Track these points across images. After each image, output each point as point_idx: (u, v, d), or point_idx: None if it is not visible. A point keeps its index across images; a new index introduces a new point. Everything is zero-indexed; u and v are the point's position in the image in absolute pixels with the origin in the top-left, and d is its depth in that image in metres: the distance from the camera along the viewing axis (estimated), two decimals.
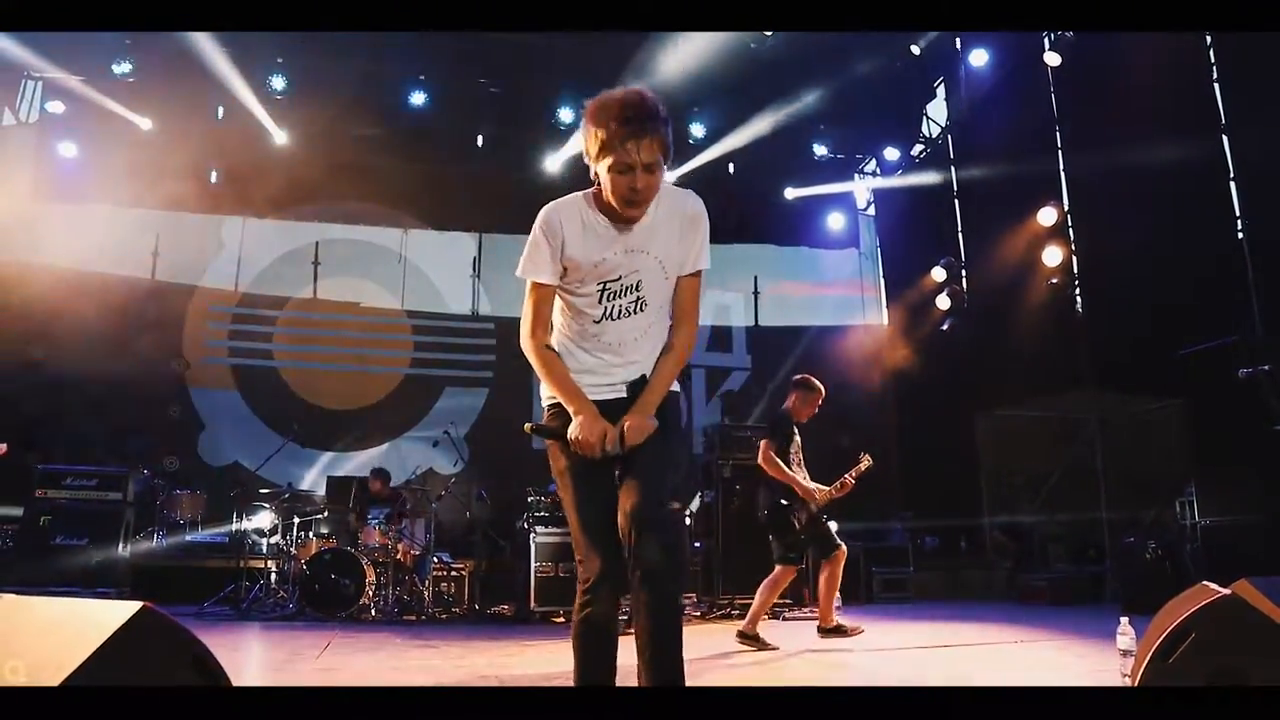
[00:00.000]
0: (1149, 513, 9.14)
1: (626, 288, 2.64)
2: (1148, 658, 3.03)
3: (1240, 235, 8.52)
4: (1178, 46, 9.13)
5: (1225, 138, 8.72)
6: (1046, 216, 10.65)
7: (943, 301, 12.38)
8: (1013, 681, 3.75)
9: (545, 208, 2.64)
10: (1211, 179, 8.79)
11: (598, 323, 2.65)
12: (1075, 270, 10.80)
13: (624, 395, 2.67)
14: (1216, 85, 8.86)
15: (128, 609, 1.89)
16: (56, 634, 1.90)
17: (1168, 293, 9.09)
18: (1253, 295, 8.30)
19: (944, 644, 6.26)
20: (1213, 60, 8.92)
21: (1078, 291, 10.78)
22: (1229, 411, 7.48)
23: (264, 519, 9.46)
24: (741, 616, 8.30)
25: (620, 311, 2.65)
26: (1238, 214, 8.55)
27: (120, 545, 8.34)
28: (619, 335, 2.67)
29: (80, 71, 11.43)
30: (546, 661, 5.35)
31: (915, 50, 11.22)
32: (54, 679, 1.73)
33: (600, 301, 2.64)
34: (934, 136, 13.54)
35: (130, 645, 1.85)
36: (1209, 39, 8.93)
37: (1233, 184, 8.63)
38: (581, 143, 2.58)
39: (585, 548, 2.56)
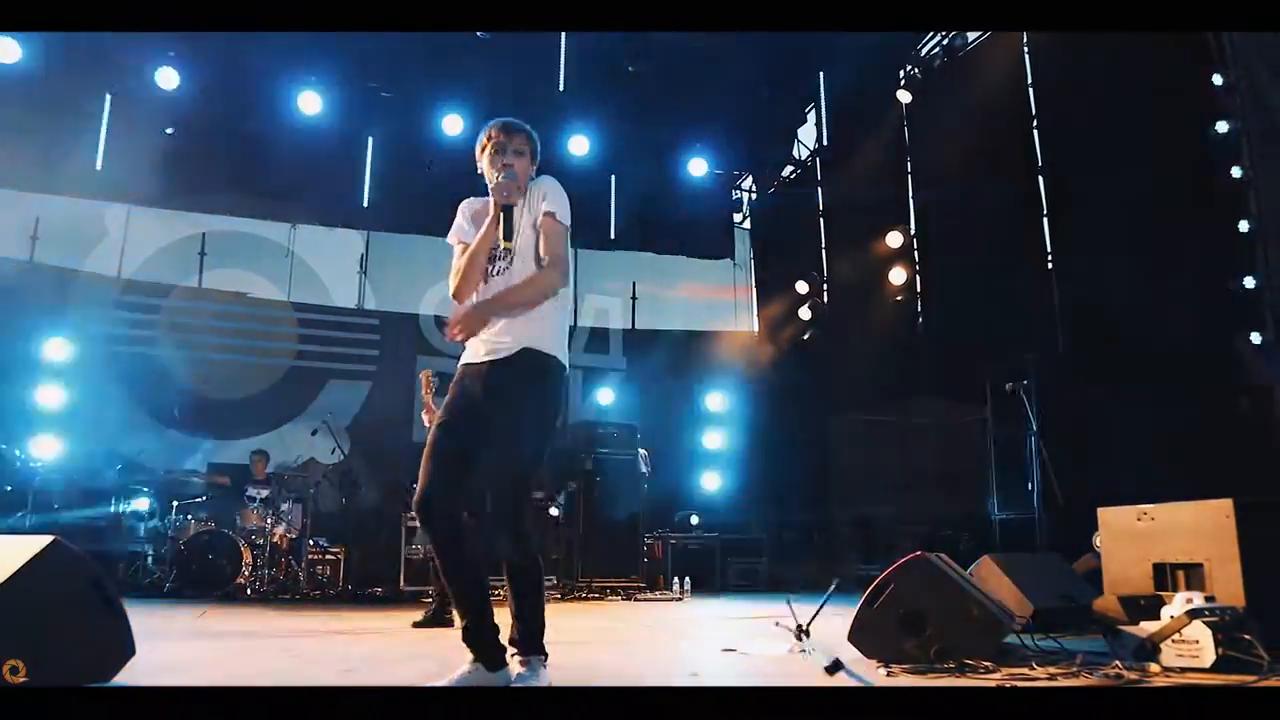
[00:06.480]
0: (969, 510, 10.24)
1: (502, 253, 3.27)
2: (859, 604, 3.87)
3: (1049, 265, 9.66)
4: (1006, 95, 10.26)
5: (1040, 178, 9.86)
6: (894, 239, 11.67)
7: (804, 313, 13.23)
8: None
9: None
10: (1029, 213, 9.91)
11: (485, 283, 3.28)
12: (918, 289, 11.85)
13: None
14: (1036, 132, 9.99)
15: (41, 541, 2.46)
16: None
17: (992, 312, 10.22)
18: (1057, 317, 9.46)
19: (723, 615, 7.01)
20: (1034, 110, 10.04)
21: (919, 308, 11.84)
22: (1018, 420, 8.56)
23: (143, 503, 9.71)
24: (598, 598, 9.03)
25: (495, 273, 3.29)
26: (1048, 246, 9.68)
27: None
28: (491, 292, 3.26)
29: None
30: (400, 620, 5.97)
31: (775, 83, 12.01)
32: None
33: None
34: (803, 159, 14.40)
35: (43, 569, 2.42)
36: (1031, 93, 10.07)
37: (1045, 220, 9.76)
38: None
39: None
